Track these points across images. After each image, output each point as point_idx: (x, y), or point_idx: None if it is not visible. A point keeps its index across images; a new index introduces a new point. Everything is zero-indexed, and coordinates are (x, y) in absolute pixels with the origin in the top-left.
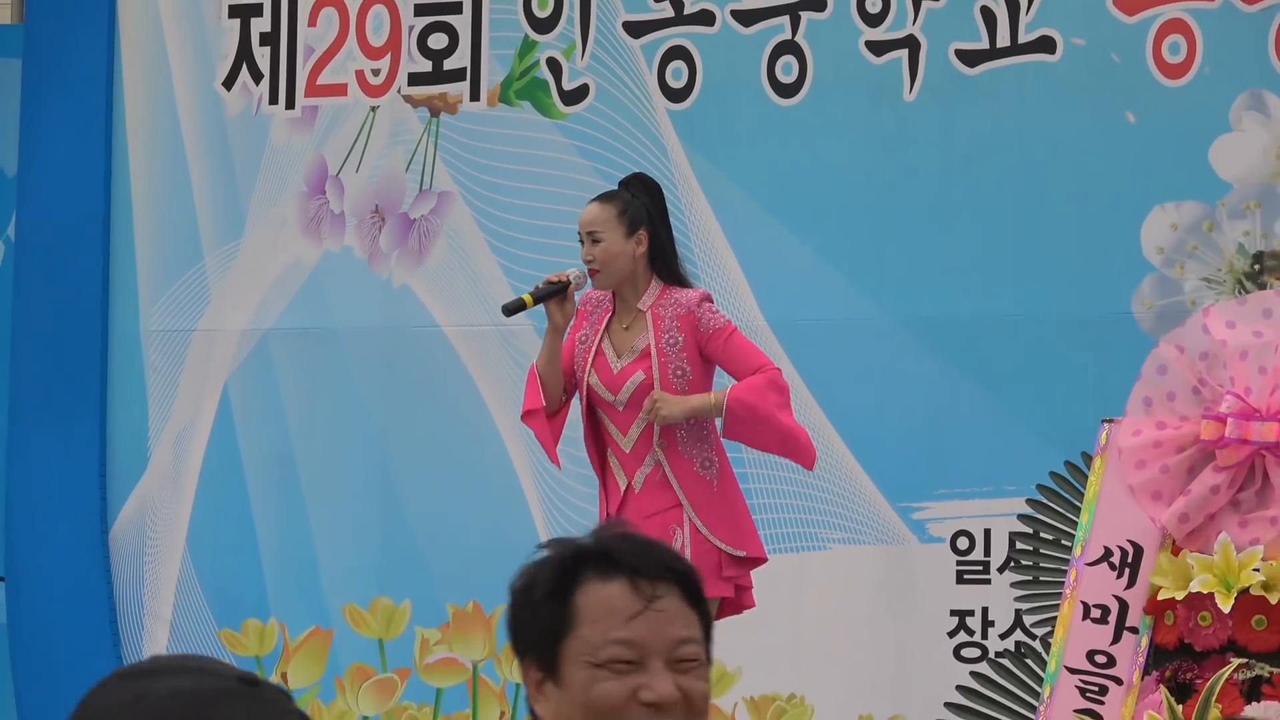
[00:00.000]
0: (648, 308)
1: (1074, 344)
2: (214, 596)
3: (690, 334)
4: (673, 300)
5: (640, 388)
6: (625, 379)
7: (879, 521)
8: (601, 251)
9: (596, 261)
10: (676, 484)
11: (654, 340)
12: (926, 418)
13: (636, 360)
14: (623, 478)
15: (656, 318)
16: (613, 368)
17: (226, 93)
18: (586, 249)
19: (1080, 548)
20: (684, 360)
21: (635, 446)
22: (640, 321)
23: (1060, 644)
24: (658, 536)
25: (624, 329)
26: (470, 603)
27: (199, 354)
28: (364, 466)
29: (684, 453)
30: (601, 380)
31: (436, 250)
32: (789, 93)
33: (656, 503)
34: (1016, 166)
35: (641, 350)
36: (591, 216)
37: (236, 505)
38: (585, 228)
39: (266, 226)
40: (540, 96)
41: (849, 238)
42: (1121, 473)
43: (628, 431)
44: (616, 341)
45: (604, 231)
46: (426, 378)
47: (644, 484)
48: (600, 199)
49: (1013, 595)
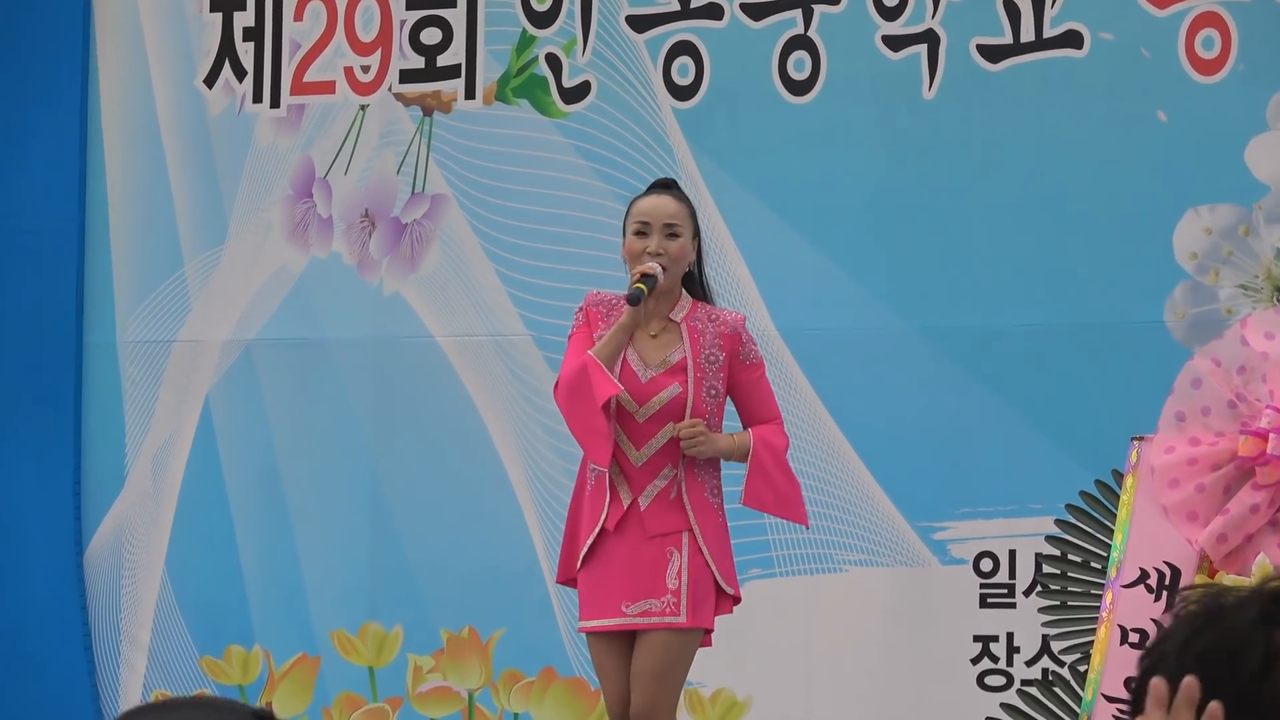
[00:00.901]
0: (682, 319)
1: (1103, 355)
2: (195, 622)
3: (731, 356)
4: (711, 316)
5: (673, 402)
6: (656, 391)
7: (897, 542)
8: (678, 248)
9: (666, 257)
10: (689, 506)
11: (691, 354)
12: (947, 433)
13: (669, 373)
14: (627, 493)
15: (694, 331)
16: (640, 377)
17: (208, 91)
18: (658, 241)
19: (1115, 569)
20: (719, 380)
21: (648, 462)
22: (673, 333)
23: (1097, 671)
24: (654, 562)
25: (652, 337)
26: (465, 628)
27: (179, 366)
28: (353, 484)
29: (699, 476)
30: (628, 390)
31: (429, 256)
32: (801, 90)
33: (664, 523)
34: (1041, 168)
35: (676, 363)
36: (673, 210)
37: (218, 525)
38: (663, 218)
39: (250, 232)
40: (539, 94)
41: (864, 243)
42: (1154, 492)
43: (643, 446)
44: (644, 350)
45: (682, 228)
46: (419, 391)
47: (653, 502)
48: (672, 193)
49: (1040, 620)
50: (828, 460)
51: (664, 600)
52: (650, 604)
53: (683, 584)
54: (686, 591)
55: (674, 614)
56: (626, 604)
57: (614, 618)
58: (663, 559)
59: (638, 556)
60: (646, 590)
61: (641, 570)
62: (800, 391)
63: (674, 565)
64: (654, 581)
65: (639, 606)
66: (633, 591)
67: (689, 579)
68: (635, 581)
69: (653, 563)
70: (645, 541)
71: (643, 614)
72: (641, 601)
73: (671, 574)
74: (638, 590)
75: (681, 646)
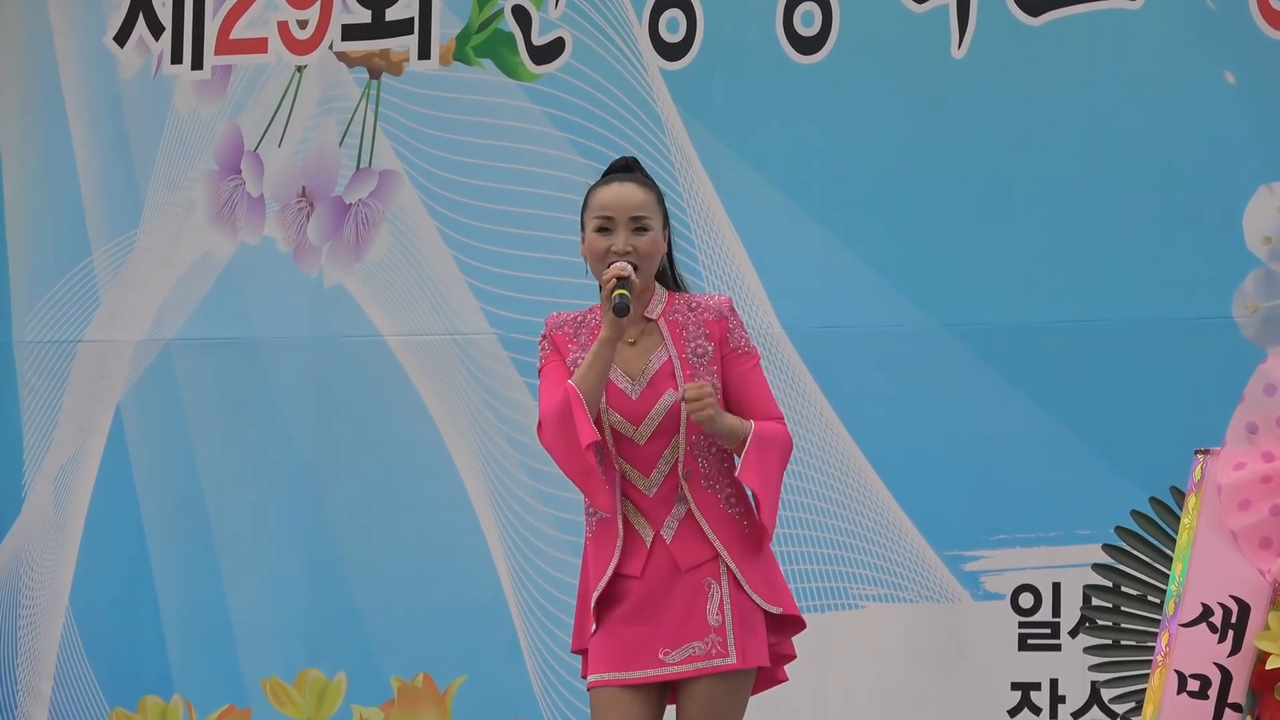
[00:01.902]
0: (659, 316)
1: (1160, 356)
2: (104, 669)
3: (720, 344)
4: (692, 305)
5: (672, 412)
6: (650, 405)
7: (923, 574)
8: (649, 243)
9: (637, 254)
10: (707, 526)
11: (676, 352)
12: (980, 446)
13: (657, 381)
14: (647, 529)
15: (675, 326)
16: (630, 394)
17: (119, 50)
18: (625, 238)
19: (1173, 605)
20: (713, 375)
21: (661, 488)
22: (653, 335)
23: None
24: (690, 598)
25: (630, 344)
26: (419, 675)
27: (85, 370)
28: (289, 508)
29: (708, 486)
30: (620, 412)
31: (377, 242)
32: (810, 48)
33: (694, 554)
34: (1089, 139)
35: (661, 366)
36: (639, 200)
37: (132, 556)
38: (629, 211)
39: (168, 214)
40: (504, 54)
41: (883, 226)
42: (1221, 514)
43: (651, 471)
44: (624, 363)
45: (652, 219)
46: (365, 399)
47: (677, 532)
48: (636, 181)
49: (1088, 664)
50: (841, 479)
51: (709, 641)
52: (694, 647)
53: (726, 619)
54: (732, 626)
55: (721, 654)
56: (665, 650)
57: (651, 668)
58: (701, 595)
59: (670, 596)
60: (689, 631)
61: (678, 609)
62: (809, 398)
63: (714, 600)
64: (694, 620)
65: (682, 652)
66: (673, 635)
67: (733, 611)
68: (674, 623)
69: (688, 599)
70: (680, 577)
71: (686, 659)
72: (685, 646)
73: (713, 609)
74: (680, 632)
75: (732, 693)
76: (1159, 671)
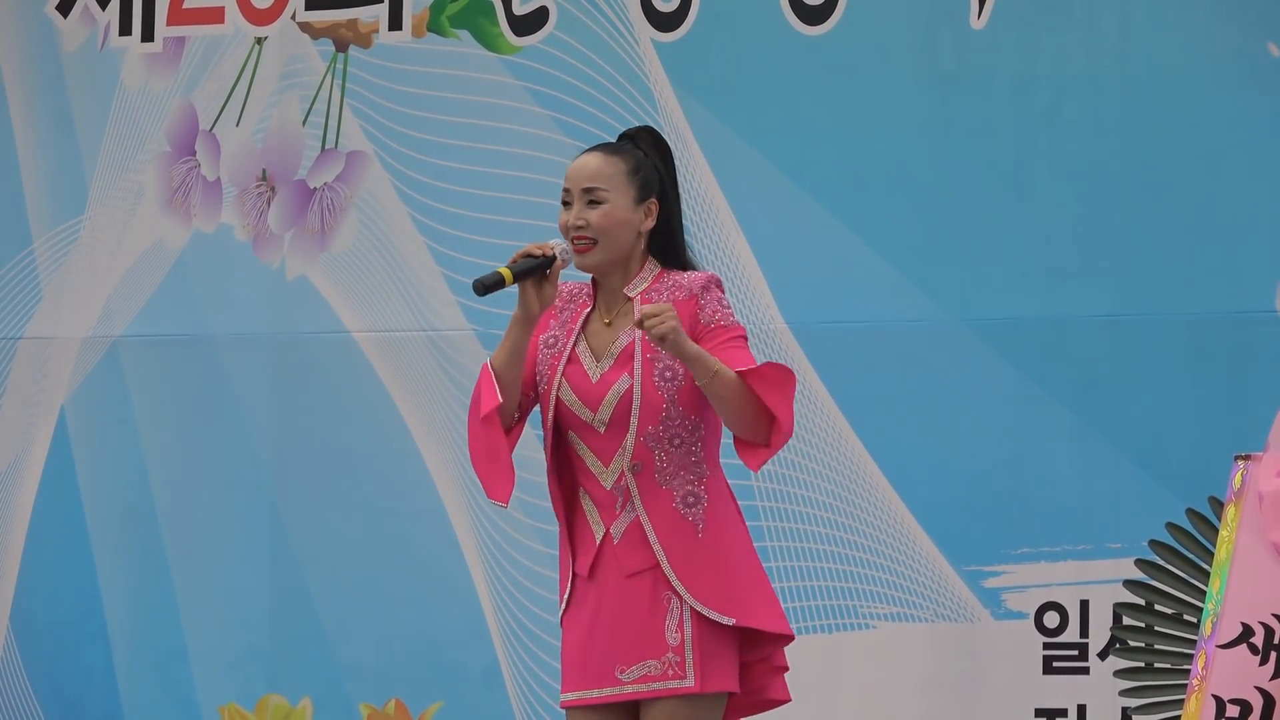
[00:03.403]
0: (638, 294)
1: (1198, 355)
2: (48, 694)
3: (690, 322)
4: (670, 284)
5: (627, 395)
6: (606, 389)
7: (939, 591)
8: (602, 217)
9: (591, 229)
10: (651, 529)
11: (640, 333)
12: (1001, 452)
13: (618, 364)
14: (599, 525)
15: (647, 304)
16: (591, 376)
17: (62, 20)
18: (577, 212)
19: (1210, 625)
20: (677, 360)
21: (618, 481)
22: (627, 313)
23: None
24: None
25: (606, 324)
26: (391, 702)
27: (26, 370)
28: (248, 520)
29: (661, 482)
30: (577, 393)
31: (344, 230)
32: (816, 18)
33: (636, 559)
34: (1121, 117)
35: (624, 350)
36: (593, 169)
37: (77, 571)
38: (582, 183)
39: (116, 200)
40: (483, 24)
41: (896, 212)
42: (1264, 526)
43: (611, 461)
44: (596, 343)
45: (609, 191)
46: (331, 400)
47: (625, 531)
48: (603, 149)
49: (1118, 688)
50: (849, 487)
51: (665, 660)
52: (649, 666)
53: (685, 636)
54: (691, 646)
55: (679, 676)
56: (620, 668)
57: (607, 686)
58: (660, 609)
59: (622, 602)
60: (644, 647)
61: (632, 620)
62: (815, 399)
63: (674, 615)
64: (651, 636)
65: (637, 670)
66: (626, 650)
67: (693, 630)
68: (628, 636)
69: (648, 612)
70: (626, 582)
71: (642, 679)
72: (640, 664)
73: (672, 626)
74: (634, 647)
75: (695, 718)
76: (1195, 696)
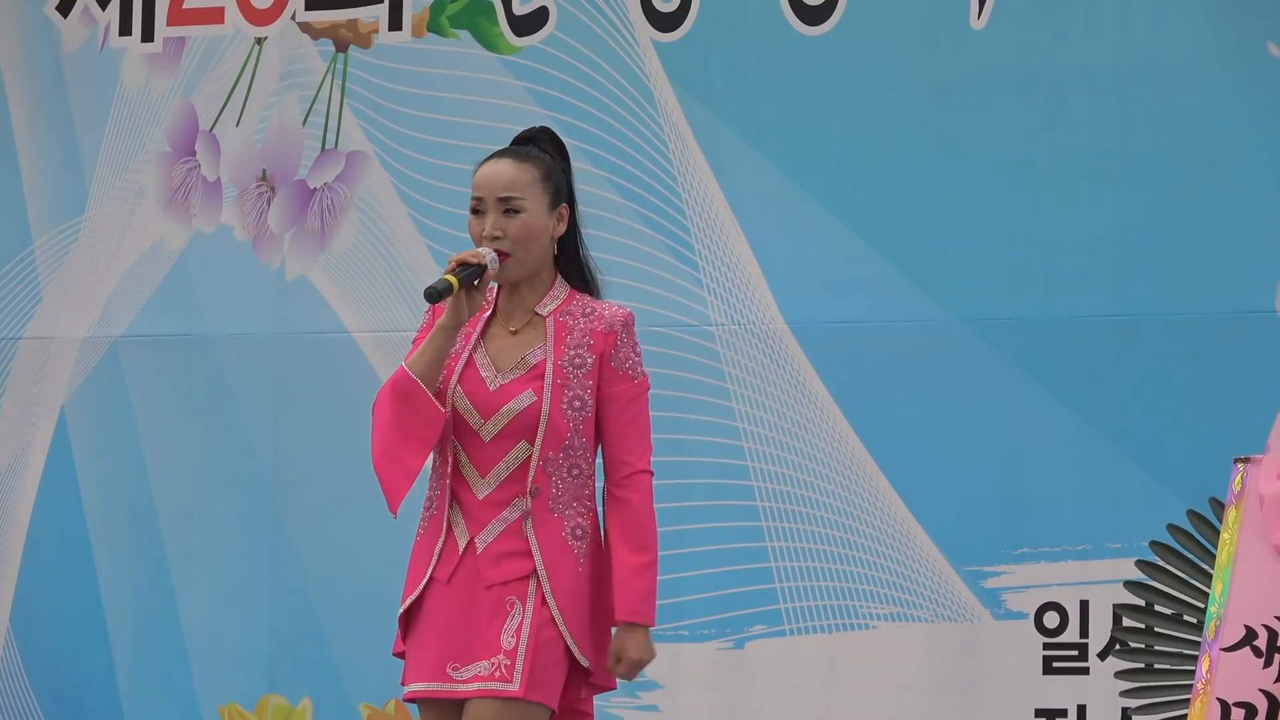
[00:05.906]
0: (550, 313)
1: (1200, 354)
2: (48, 694)
3: (601, 360)
4: (588, 311)
5: (525, 414)
6: (505, 400)
7: (939, 591)
8: (520, 227)
9: (508, 240)
10: (537, 549)
11: (553, 355)
12: (1002, 452)
13: (525, 378)
14: (464, 532)
15: (562, 328)
16: (489, 384)
17: (62, 20)
18: (494, 221)
19: (1214, 627)
20: (587, 390)
21: (496, 492)
22: (537, 329)
23: None
24: (490, 614)
25: (511, 333)
26: (390, 702)
27: (26, 371)
28: (249, 520)
29: (555, 509)
30: (471, 399)
31: (344, 230)
32: (816, 18)
33: (505, 570)
34: (1121, 117)
35: (534, 366)
36: (509, 177)
37: (77, 572)
38: (497, 191)
39: (116, 200)
40: (483, 24)
41: (897, 212)
42: (1265, 528)
43: (489, 472)
44: (497, 351)
45: (526, 199)
46: (332, 401)
47: (494, 542)
48: (512, 155)
49: (1118, 689)
50: (849, 487)
51: (495, 662)
52: (480, 666)
53: (520, 643)
54: (525, 653)
55: (505, 679)
56: (454, 665)
57: (438, 681)
58: (500, 612)
59: (471, 608)
60: (479, 648)
61: (475, 623)
62: (815, 400)
63: (514, 619)
64: (487, 638)
65: (469, 670)
66: (462, 650)
67: (529, 637)
68: (466, 637)
69: (488, 615)
70: (483, 592)
71: (472, 678)
72: (473, 665)
73: (509, 630)
74: (469, 648)
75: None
76: (1200, 700)
